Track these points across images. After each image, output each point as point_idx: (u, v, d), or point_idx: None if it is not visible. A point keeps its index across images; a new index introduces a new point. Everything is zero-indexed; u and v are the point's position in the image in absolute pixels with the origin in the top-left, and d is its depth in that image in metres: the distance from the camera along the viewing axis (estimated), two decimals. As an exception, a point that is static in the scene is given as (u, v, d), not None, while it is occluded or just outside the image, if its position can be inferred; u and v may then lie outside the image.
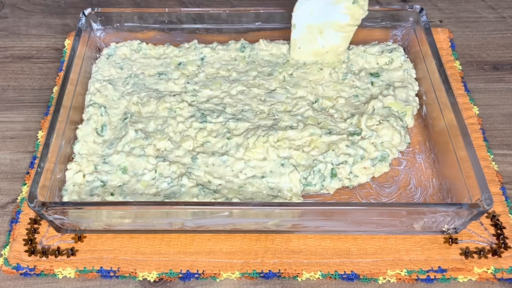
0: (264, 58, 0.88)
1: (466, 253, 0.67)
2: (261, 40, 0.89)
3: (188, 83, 0.85)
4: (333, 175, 0.72)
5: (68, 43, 0.95)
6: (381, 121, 0.76)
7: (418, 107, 0.81)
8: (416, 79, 0.84)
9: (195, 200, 0.69)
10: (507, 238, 0.69)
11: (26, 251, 0.68)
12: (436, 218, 0.65)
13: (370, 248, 0.68)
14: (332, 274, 0.67)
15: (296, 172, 0.72)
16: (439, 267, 0.67)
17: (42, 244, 0.69)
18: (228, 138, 0.76)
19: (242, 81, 0.84)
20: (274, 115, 0.79)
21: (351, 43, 0.87)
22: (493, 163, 0.77)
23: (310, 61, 0.87)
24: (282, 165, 0.73)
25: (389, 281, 0.66)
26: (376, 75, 0.85)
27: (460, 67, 0.90)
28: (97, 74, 0.85)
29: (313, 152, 0.74)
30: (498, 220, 0.71)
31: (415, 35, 0.85)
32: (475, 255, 0.67)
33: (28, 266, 0.67)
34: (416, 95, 0.82)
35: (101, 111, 0.79)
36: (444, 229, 0.68)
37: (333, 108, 0.80)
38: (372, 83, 0.83)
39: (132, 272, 0.67)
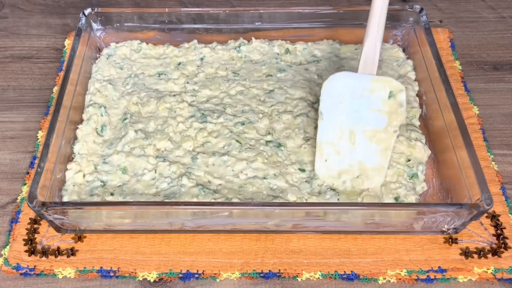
0: (257, 58, 0.88)
1: (466, 253, 0.67)
2: (253, 39, 0.89)
3: (187, 83, 0.85)
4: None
5: (68, 43, 0.95)
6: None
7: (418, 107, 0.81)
8: (416, 79, 0.84)
9: (195, 200, 0.69)
10: (507, 238, 0.69)
11: (26, 251, 0.68)
12: (436, 218, 0.65)
13: (370, 248, 0.68)
14: (332, 274, 0.67)
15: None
16: (439, 267, 0.67)
17: (42, 244, 0.69)
18: (238, 141, 0.76)
19: (239, 81, 0.84)
20: (278, 116, 0.79)
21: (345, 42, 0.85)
22: (493, 163, 0.77)
23: (335, 186, 0.71)
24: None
25: (389, 281, 0.66)
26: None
27: (460, 67, 0.90)
28: (97, 74, 0.85)
29: None
30: (498, 220, 0.71)
31: (415, 35, 0.85)
32: (475, 255, 0.67)
33: (28, 266, 0.67)
34: (416, 95, 0.82)
35: (101, 111, 0.79)
36: (444, 229, 0.68)
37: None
38: None
39: (132, 272, 0.67)
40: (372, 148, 0.70)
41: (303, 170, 0.73)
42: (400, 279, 0.66)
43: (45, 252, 0.68)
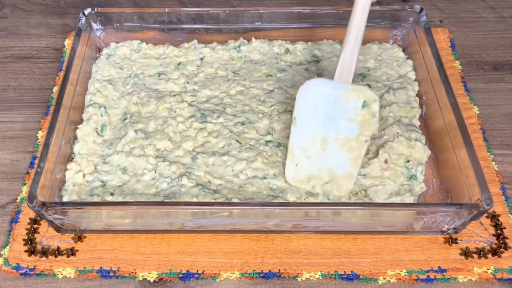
0: (257, 58, 0.88)
1: (466, 253, 0.67)
2: (253, 39, 0.89)
3: (187, 83, 0.85)
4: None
5: (68, 43, 0.95)
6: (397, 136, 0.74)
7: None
8: (416, 79, 0.84)
9: (195, 200, 0.69)
10: (507, 238, 0.69)
11: (26, 251, 0.68)
12: (436, 218, 0.65)
13: (370, 248, 0.68)
14: (332, 274, 0.67)
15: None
16: (439, 267, 0.67)
17: (42, 244, 0.69)
18: (238, 141, 0.76)
19: (239, 81, 0.84)
20: (278, 116, 0.79)
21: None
22: (493, 163, 0.77)
23: (302, 190, 0.71)
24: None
25: (389, 281, 0.66)
26: (371, 76, 0.84)
27: (460, 67, 0.90)
28: (97, 74, 0.85)
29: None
30: (498, 220, 0.71)
31: (415, 35, 0.85)
32: (475, 255, 0.67)
33: (28, 266, 0.67)
34: (416, 95, 0.82)
35: (101, 111, 0.79)
36: (444, 229, 0.68)
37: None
38: (369, 86, 0.83)
39: (132, 272, 0.67)
40: (343, 155, 0.70)
41: None
42: (400, 279, 0.66)
43: (45, 252, 0.68)
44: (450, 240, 0.69)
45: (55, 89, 0.88)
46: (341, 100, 0.70)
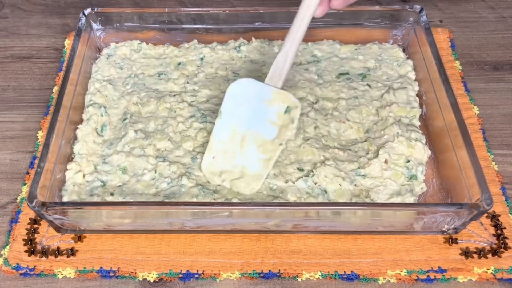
0: (257, 58, 0.88)
1: (466, 253, 0.67)
2: (253, 39, 0.89)
3: (187, 83, 0.84)
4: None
5: (68, 43, 0.95)
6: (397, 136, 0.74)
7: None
8: (416, 79, 0.84)
9: (195, 200, 0.69)
10: (507, 238, 0.69)
11: (26, 251, 0.68)
12: (436, 218, 0.65)
13: (370, 248, 0.68)
14: (332, 274, 0.67)
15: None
16: (439, 267, 0.67)
17: (42, 244, 0.69)
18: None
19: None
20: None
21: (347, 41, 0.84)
22: (493, 163, 0.77)
23: (213, 183, 0.72)
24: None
25: (389, 281, 0.66)
26: (371, 76, 0.84)
27: (460, 67, 0.90)
28: (97, 74, 0.85)
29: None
30: (498, 220, 0.71)
31: (415, 35, 0.85)
32: (475, 255, 0.67)
33: (28, 266, 0.67)
34: (416, 95, 0.82)
35: (101, 111, 0.79)
36: (444, 229, 0.68)
37: (336, 110, 0.80)
38: (369, 86, 0.83)
39: (132, 272, 0.67)
40: (257, 156, 0.71)
41: (301, 170, 0.73)
42: (400, 279, 0.66)
43: (45, 252, 0.68)
44: (450, 240, 0.69)
45: (55, 89, 0.88)
46: (266, 103, 0.71)
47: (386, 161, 0.72)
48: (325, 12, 0.71)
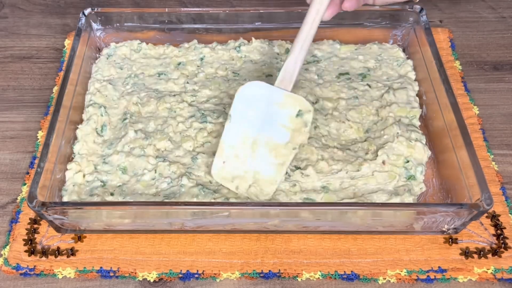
0: (257, 58, 0.88)
1: (466, 253, 0.67)
2: (253, 39, 0.89)
3: (187, 83, 0.85)
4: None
5: (68, 43, 0.95)
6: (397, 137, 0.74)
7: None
8: (416, 79, 0.84)
9: (195, 200, 0.69)
10: (507, 238, 0.69)
11: (26, 251, 0.68)
12: (436, 218, 0.65)
13: (370, 248, 0.68)
14: (332, 274, 0.67)
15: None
16: (439, 267, 0.67)
17: (42, 244, 0.69)
18: None
19: (239, 81, 0.84)
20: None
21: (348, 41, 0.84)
22: (493, 163, 0.77)
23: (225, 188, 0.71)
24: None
25: (389, 281, 0.66)
26: (371, 76, 0.84)
27: (460, 67, 0.90)
28: (97, 74, 0.85)
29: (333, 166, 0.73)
30: (498, 220, 0.71)
31: (415, 35, 0.85)
32: (475, 255, 0.67)
33: (28, 266, 0.67)
34: (416, 95, 0.82)
35: (101, 111, 0.79)
36: (444, 229, 0.68)
37: (336, 110, 0.80)
38: (369, 86, 0.83)
39: (132, 272, 0.67)
40: (269, 160, 0.70)
41: (298, 168, 0.73)
42: (400, 279, 0.66)
43: (45, 252, 0.68)
44: (450, 240, 0.69)
45: (55, 89, 0.88)
46: (277, 106, 0.70)
47: (384, 162, 0.72)
48: (333, 15, 0.70)
